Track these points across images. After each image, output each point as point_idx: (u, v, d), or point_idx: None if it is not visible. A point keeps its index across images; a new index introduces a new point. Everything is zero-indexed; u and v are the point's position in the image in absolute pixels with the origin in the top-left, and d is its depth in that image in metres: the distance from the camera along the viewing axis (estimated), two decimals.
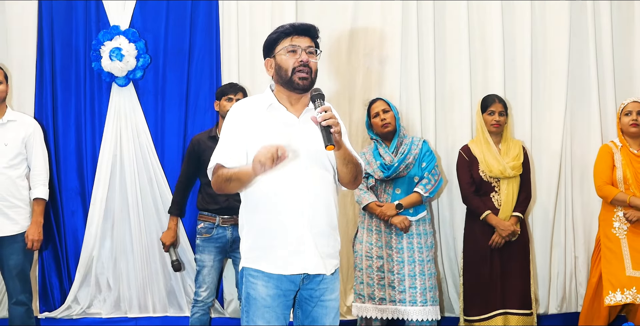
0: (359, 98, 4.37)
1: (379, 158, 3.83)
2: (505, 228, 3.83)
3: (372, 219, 3.84)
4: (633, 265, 3.81)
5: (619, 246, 3.84)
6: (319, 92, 2.28)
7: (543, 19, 4.37)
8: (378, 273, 3.76)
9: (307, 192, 2.30)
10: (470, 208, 3.97)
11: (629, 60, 4.39)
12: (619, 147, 3.95)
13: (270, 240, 2.31)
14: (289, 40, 2.35)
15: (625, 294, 3.77)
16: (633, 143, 3.95)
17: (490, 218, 3.86)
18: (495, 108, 3.92)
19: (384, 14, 4.35)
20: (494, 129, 3.94)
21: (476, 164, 3.93)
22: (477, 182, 3.93)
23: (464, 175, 3.97)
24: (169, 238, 3.97)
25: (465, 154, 3.99)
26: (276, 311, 2.31)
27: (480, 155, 3.93)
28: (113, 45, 4.14)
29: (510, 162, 3.90)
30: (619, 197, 3.83)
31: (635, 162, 3.90)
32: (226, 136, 2.37)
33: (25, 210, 3.75)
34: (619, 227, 3.86)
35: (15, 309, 3.71)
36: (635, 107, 3.92)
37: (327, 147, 2.14)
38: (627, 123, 3.92)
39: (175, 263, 3.85)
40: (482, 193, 3.93)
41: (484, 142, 3.95)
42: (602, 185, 3.90)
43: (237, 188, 2.31)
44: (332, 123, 2.15)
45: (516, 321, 3.86)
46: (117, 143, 4.25)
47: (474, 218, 3.95)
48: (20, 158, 3.74)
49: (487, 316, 3.86)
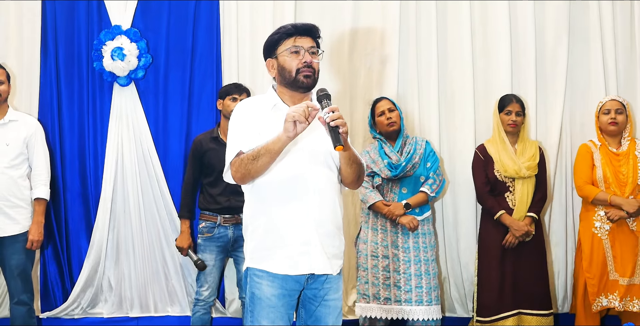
0: (360, 97, 4.37)
1: (385, 158, 3.83)
2: (519, 229, 3.82)
3: (377, 218, 3.83)
4: (616, 267, 3.81)
5: (601, 248, 3.83)
6: (325, 92, 2.26)
7: (543, 19, 4.37)
8: (384, 272, 3.75)
9: (313, 192, 2.30)
10: (485, 207, 3.96)
11: (630, 60, 4.38)
12: (598, 146, 3.94)
13: (276, 240, 2.31)
14: (292, 41, 2.35)
15: (609, 298, 3.78)
16: (612, 141, 3.95)
17: (504, 218, 3.85)
18: (512, 108, 3.91)
19: (385, 13, 4.35)
20: (511, 129, 3.92)
21: (491, 164, 3.92)
22: (492, 181, 3.92)
23: (479, 174, 3.96)
24: (185, 242, 3.89)
25: (481, 153, 3.97)
26: (281, 311, 2.31)
27: (495, 155, 3.91)
28: (115, 45, 4.14)
29: (526, 162, 3.88)
30: (599, 196, 3.82)
31: (615, 160, 3.89)
32: (236, 129, 2.34)
33: (27, 210, 3.75)
34: (600, 226, 3.85)
35: (16, 309, 3.71)
36: (613, 106, 3.91)
37: (336, 147, 2.12)
38: (606, 121, 3.91)
39: (199, 262, 3.73)
40: (497, 193, 3.92)
41: (500, 141, 3.94)
42: (583, 185, 3.89)
43: (266, 163, 2.22)
44: (340, 123, 2.14)
45: (533, 321, 3.83)
46: (119, 143, 4.26)
47: (488, 218, 3.94)
48: (22, 158, 3.74)
49: (499, 316, 3.84)
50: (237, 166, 2.26)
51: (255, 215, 2.36)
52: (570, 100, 4.38)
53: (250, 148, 2.25)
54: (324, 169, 2.34)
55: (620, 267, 3.80)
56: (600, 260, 3.81)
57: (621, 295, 3.77)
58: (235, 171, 2.28)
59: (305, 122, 2.12)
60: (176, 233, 4.19)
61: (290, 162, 2.29)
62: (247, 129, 2.32)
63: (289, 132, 2.14)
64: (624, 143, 3.94)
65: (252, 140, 2.27)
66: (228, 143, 2.35)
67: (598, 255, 3.82)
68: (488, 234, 3.94)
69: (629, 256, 3.81)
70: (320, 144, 2.31)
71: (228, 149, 2.33)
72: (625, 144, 3.94)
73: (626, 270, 3.79)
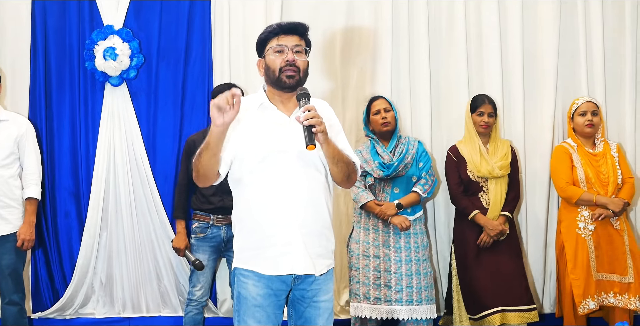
0: (352, 97, 4.37)
1: (377, 157, 3.83)
2: (493, 228, 3.83)
3: (369, 218, 3.83)
4: (598, 267, 3.81)
5: (585, 249, 3.82)
6: (304, 91, 2.26)
7: (534, 19, 4.38)
8: (374, 272, 3.75)
9: (297, 192, 2.29)
10: (459, 208, 3.98)
11: (619, 60, 4.40)
12: (575, 147, 3.96)
13: (260, 240, 2.30)
14: (276, 40, 2.35)
15: (596, 300, 3.78)
16: (586, 142, 3.98)
17: (478, 218, 3.87)
18: (484, 110, 3.93)
19: (378, 13, 4.35)
20: (482, 130, 3.95)
21: (464, 164, 3.94)
22: (466, 182, 3.94)
23: (452, 175, 3.98)
24: (182, 242, 3.85)
25: (454, 154, 3.99)
26: (267, 311, 2.30)
27: (468, 156, 3.93)
28: (107, 45, 4.14)
29: (498, 161, 3.90)
30: (584, 196, 3.83)
31: (594, 161, 3.92)
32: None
33: (18, 210, 3.74)
34: (584, 227, 3.85)
35: (8, 309, 3.70)
36: (589, 107, 3.94)
37: (307, 146, 2.13)
38: (582, 123, 3.94)
39: (197, 262, 3.71)
40: (471, 194, 3.94)
41: (472, 142, 3.96)
42: (565, 186, 3.89)
43: (208, 159, 2.22)
44: (315, 122, 2.14)
45: (516, 318, 3.82)
46: (110, 143, 4.25)
47: (463, 219, 3.95)
48: (13, 158, 3.73)
49: (481, 315, 3.85)
50: (193, 170, 2.30)
51: (241, 215, 2.36)
52: (561, 100, 4.38)
53: (228, 152, 2.26)
54: (308, 169, 2.32)
55: (609, 266, 3.80)
56: (585, 260, 3.81)
57: (616, 292, 3.77)
58: (194, 174, 2.31)
59: (228, 109, 2.10)
60: (166, 234, 4.18)
61: (275, 162, 2.28)
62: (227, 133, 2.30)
63: (216, 120, 2.12)
64: (599, 144, 3.99)
65: (230, 144, 2.27)
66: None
67: (582, 255, 3.82)
68: (463, 234, 3.96)
69: (619, 254, 3.82)
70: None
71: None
72: (600, 145, 3.98)
73: (618, 268, 3.80)
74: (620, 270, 3.81)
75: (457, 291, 3.98)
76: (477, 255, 3.88)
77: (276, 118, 2.35)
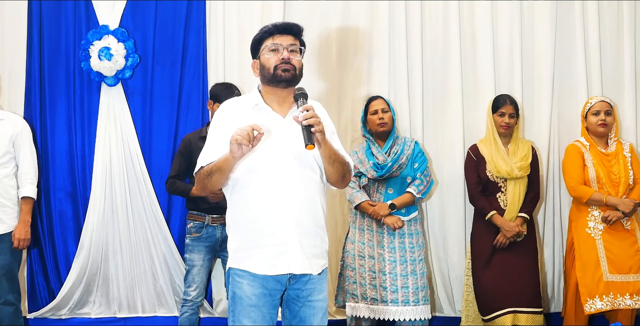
0: (348, 97, 4.38)
1: (371, 158, 3.83)
2: (509, 229, 3.83)
3: (363, 218, 3.84)
4: (610, 268, 3.77)
5: (594, 248, 3.80)
6: (302, 91, 2.28)
7: (531, 18, 4.38)
8: (370, 273, 3.75)
9: (292, 192, 2.30)
10: (477, 208, 3.97)
11: (616, 60, 4.40)
12: (587, 146, 3.95)
13: (255, 240, 2.31)
14: (271, 40, 2.36)
15: (604, 301, 3.73)
16: (599, 142, 3.96)
17: (495, 219, 3.86)
18: (505, 110, 3.92)
19: (374, 13, 4.36)
20: (503, 131, 3.93)
21: (484, 164, 3.93)
22: (484, 181, 3.93)
23: (471, 175, 3.97)
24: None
25: (474, 154, 3.98)
26: (262, 311, 2.31)
27: (488, 155, 3.92)
28: (102, 45, 4.14)
29: (518, 162, 3.89)
30: (594, 196, 3.81)
31: (606, 160, 3.90)
32: (210, 140, 2.37)
33: (13, 210, 3.73)
34: (594, 226, 3.84)
35: (3, 309, 3.69)
36: (602, 107, 3.93)
37: (307, 146, 2.14)
38: (595, 123, 3.92)
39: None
40: (489, 194, 3.93)
41: (492, 142, 3.94)
42: (576, 186, 3.88)
43: (219, 180, 2.29)
44: (314, 122, 2.15)
45: (526, 320, 3.82)
46: (107, 143, 4.25)
47: (480, 219, 3.95)
48: (8, 157, 3.73)
49: (494, 315, 3.83)
50: (196, 180, 2.36)
51: (236, 215, 2.37)
52: (558, 100, 4.39)
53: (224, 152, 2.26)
54: (304, 169, 2.33)
55: (621, 267, 3.75)
56: (594, 260, 3.78)
57: (633, 292, 3.72)
58: (196, 184, 2.39)
59: (248, 145, 2.14)
60: (162, 234, 4.21)
61: (271, 162, 2.29)
62: (216, 143, 2.32)
63: (234, 153, 2.17)
64: (611, 144, 3.96)
65: (217, 156, 2.28)
66: (201, 152, 2.38)
67: (591, 255, 3.80)
68: (480, 234, 3.95)
69: (632, 253, 3.78)
70: (301, 144, 2.30)
71: (198, 160, 2.36)
72: (613, 145, 3.95)
73: (632, 268, 3.75)
74: (635, 269, 3.76)
75: (466, 291, 3.98)
76: (492, 255, 3.87)
77: (271, 118, 2.36)
